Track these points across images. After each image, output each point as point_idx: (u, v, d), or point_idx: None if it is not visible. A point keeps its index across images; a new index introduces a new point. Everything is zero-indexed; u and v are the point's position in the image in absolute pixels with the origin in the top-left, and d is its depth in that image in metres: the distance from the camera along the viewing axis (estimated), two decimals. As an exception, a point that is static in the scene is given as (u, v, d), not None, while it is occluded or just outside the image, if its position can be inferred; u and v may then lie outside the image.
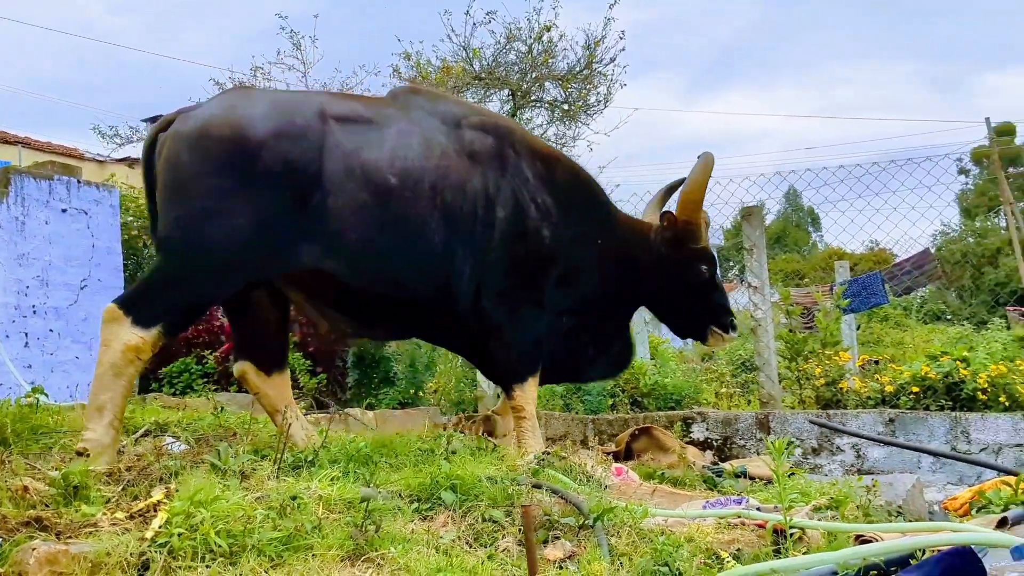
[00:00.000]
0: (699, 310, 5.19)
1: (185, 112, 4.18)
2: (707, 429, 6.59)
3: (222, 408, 5.31)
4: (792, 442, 6.14)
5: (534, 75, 12.95)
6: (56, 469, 3.25)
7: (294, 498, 2.77)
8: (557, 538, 3.09)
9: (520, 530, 3.20)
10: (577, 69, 13.00)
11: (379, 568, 2.52)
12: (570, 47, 13.03)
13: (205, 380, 7.98)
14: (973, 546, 2.22)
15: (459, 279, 4.52)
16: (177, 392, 7.95)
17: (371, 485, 3.13)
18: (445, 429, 5.48)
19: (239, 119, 4.05)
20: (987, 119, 8.45)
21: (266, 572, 2.41)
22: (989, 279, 26.78)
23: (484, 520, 3.14)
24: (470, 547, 2.96)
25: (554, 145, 13.70)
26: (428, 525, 3.03)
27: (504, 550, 2.88)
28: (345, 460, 3.57)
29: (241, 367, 4.39)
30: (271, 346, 4.48)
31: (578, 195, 5.02)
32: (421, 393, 8.26)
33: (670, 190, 5.51)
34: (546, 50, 12.73)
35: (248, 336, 4.47)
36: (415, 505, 3.18)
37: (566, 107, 13.26)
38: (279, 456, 3.36)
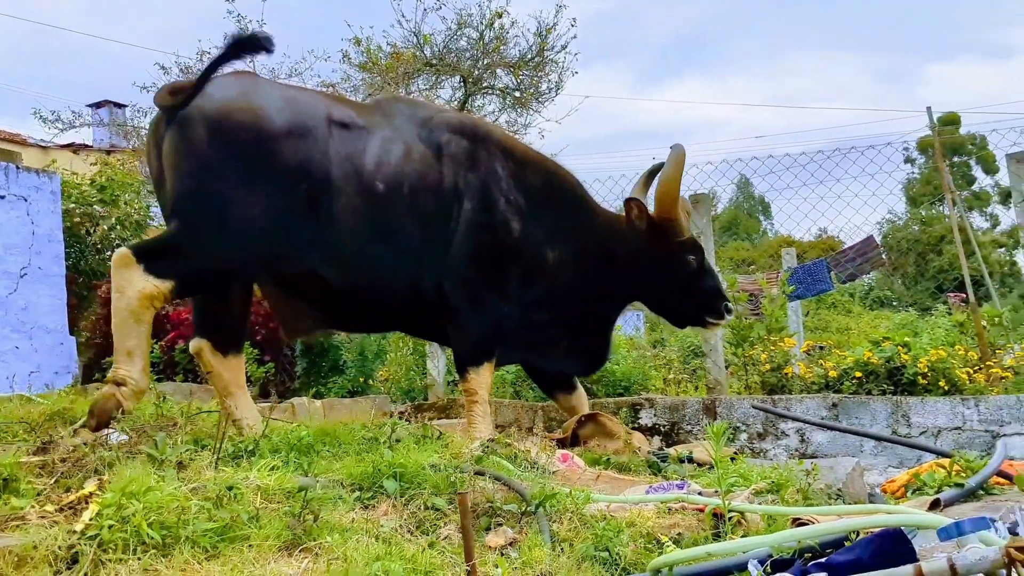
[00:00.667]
0: (692, 299, 5.28)
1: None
2: (655, 415, 6.64)
3: (164, 398, 5.22)
4: (737, 427, 6.22)
5: (485, 62, 12.92)
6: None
7: (231, 488, 2.73)
8: (500, 525, 3.09)
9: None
10: (528, 56, 12.99)
11: (316, 558, 2.50)
12: (521, 34, 13.03)
13: (151, 370, 7.84)
14: (904, 527, 2.26)
15: (430, 274, 4.71)
16: (121, 382, 7.80)
17: (311, 474, 3.10)
18: (399, 417, 5.47)
19: (258, 108, 4.22)
20: (928, 108, 8.59)
21: (200, 564, 2.37)
22: (933, 266, 27.39)
23: (426, 508, 3.13)
24: (412, 535, 2.94)
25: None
26: (369, 514, 3.01)
27: (446, 538, 2.87)
28: (287, 449, 3.53)
29: (198, 344, 4.42)
30: (231, 328, 4.50)
31: (553, 194, 5.13)
32: (371, 382, 8.21)
33: (651, 175, 5.58)
34: (497, 37, 12.70)
35: (211, 315, 4.48)
36: (357, 494, 3.16)
37: (518, 94, 13.25)
38: (218, 446, 3.31)
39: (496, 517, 3.14)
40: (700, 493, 3.46)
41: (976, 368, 6.59)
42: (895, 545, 2.15)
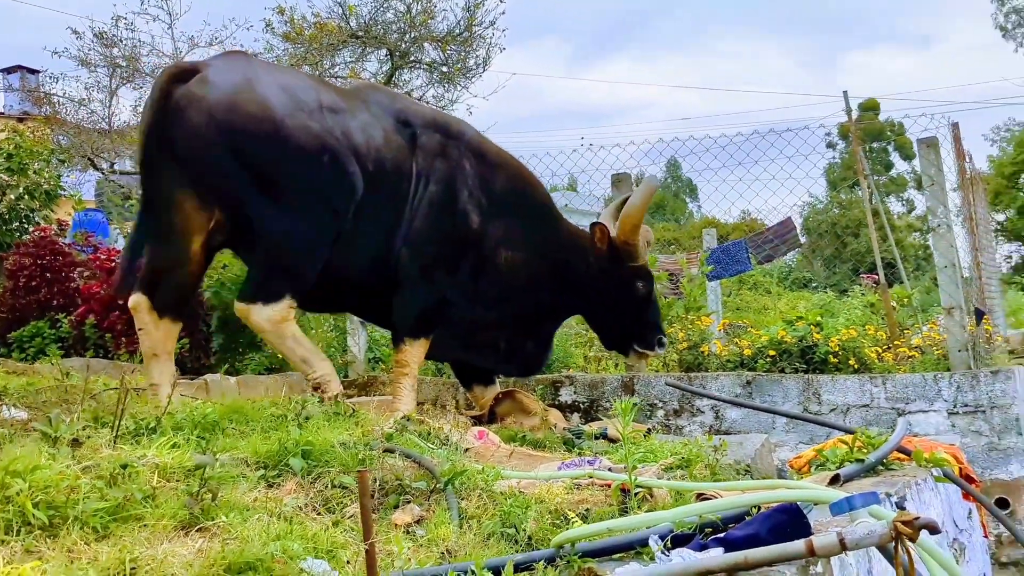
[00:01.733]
0: (630, 325, 5.42)
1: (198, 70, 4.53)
2: (575, 392, 6.68)
3: (68, 373, 5.05)
4: (654, 404, 6.30)
5: (412, 35, 12.74)
6: None
7: (125, 467, 2.63)
8: (408, 503, 3.06)
9: (370, 495, 3.16)
10: (456, 31, 12.85)
11: (213, 537, 2.43)
12: (450, 8, 12.89)
13: (60, 345, 7.57)
14: (801, 503, 2.29)
15: (394, 253, 4.88)
16: (28, 358, 7.51)
17: (212, 452, 3.02)
18: (314, 394, 5.38)
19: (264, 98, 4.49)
20: (844, 93, 8.75)
21: (89, 544, 2.28)
22: (851, 249, 28.14)
23: (334, 486, 3.08)
24: (317, 514, 2.89)
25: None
26: (273, 493, 2.94)
27: (351, 516, 2.82)
28: (190, 427, 3.43)
29: (137, 299, 4.45)
30: (177, 292, 4.54)
31: (518, 200, 5.30)
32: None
33: (623, 204, 5.72)
34: (425, 10, 12.53)
35: (161, 272, 4.49)
36: (261, 472, 3.09)
37: (445, 69, 13.11)
38: (117, 423, 3.20)
39: (405, 495, 3.10)
40: (611, 469, 3.48)
41: (885, 348, 6.78)
42: (792, 519, 2.19)
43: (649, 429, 4.84)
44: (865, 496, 1.99)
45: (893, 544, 1.82)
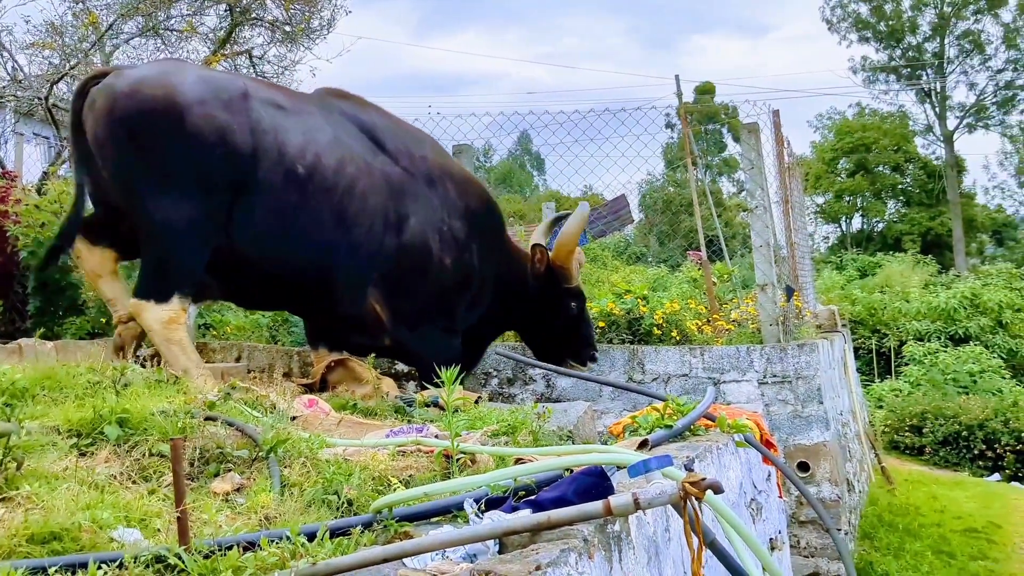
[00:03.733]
0: (565, 341, 5.65)
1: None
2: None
3: None
4: (489, 373, 6.43)
5: (254, -9, 12.29)
6: None
7: (-83, 437, 2.49)
8: (230, 471, 3.04)
9: (190, 464, 3.11)
10: (301, -10, 12.48)
11: (16, 507, 2.34)
12: (294, -35, 12.48)
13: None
14: (606, 466, 2.43)
15: (340, 272, 4.89)
16: None
17: (19, 420, 2.89)
18: (143, 362, 5.19)
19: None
20: (676, 76, 9.15)
21: None
22: (685, 226, 29.37)
23: (152, 455, 3.01)
24: (134, 483, 2.83)
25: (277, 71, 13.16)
26: (86, 462, 2.86)
27: (168, 485, 2.78)
28: (-5, 394, 3.25)
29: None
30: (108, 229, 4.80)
31: (476, 217, 5.39)
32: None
33: (555, 221, 6.01)
34: (267, -34, 12.10)
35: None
36: (74, 441, 2.99)
37: (288, 29, 12.72)
38: (-90, 391, 3.00)
39: (226, 463, 3.08)
40: (437, 436, 3.55)
41: (705, 321, 7.18)
42: (597, 482, 2.32)
43: (479, 397, 4.95)
44: (660, 459, 2.14)
45: (681, 503, 1.97)
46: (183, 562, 2.00)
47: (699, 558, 1.99)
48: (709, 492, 2.09)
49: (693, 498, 1.97)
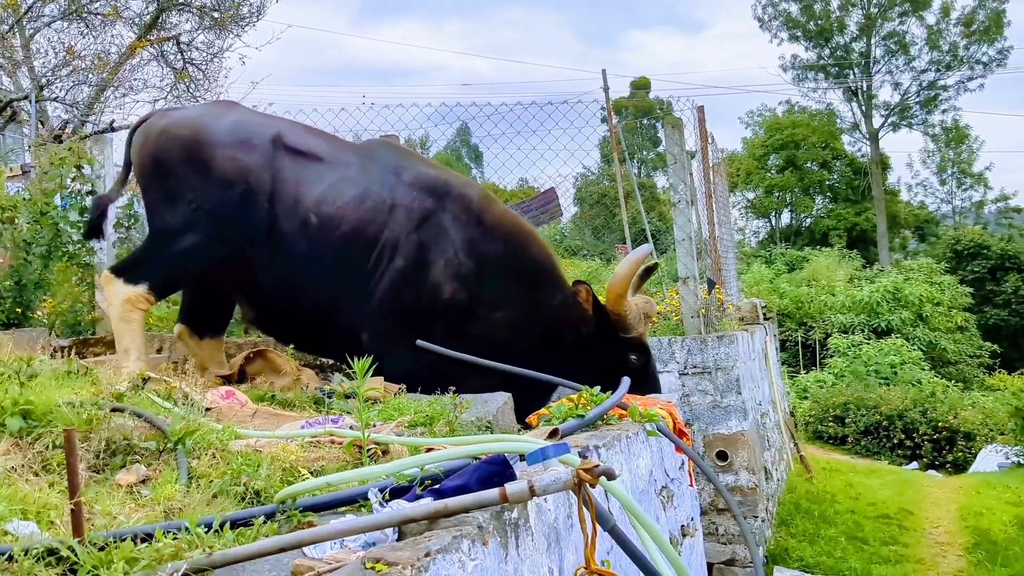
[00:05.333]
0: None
1: None
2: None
3: None
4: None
5: (180, -25, 12.06)
6: None
7: None
8: (136, 463, 3.00)
9: (96, 456, 3.07)
10: (229, -24, 12.29)
11: (-94, 502, 2.29)
12: (222, -50, 12.28)
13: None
14: (509, 454, 2.47)
15: (345, 323, 5.01)
16: None
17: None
18: (61, 353, 5.10)
19: None
20: (603, 71, 9.22)
21: None
22: (619, 219, 29.71)
23: (55, 447, 2.95)
24: (36, 475, 2.78)
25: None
26: (-15, 455, 2.79)
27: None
28: None
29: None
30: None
31: (510, 261, 5.18)
32: (29, 313, 7.51)
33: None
34: (195, -50, 11.89)
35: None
36: (-27, 433, 2.92)
37: (216, 15, 12.51)
38: None
39: (133, 455, 3.04)
40: (352, 427, 3.55)
41: (629, 313, 7.27)
42: (500, 470, 2.36)
43: (400, 389, 4.95)
44: (557, 447, 2.18)
45: (575, 490, 2.02)
46: (75, 555, 1.98)
47: (593, 543, 2.04)
48: (606, 479, 2.14)
49: (587, 484, 2.02)
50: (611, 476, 2.06)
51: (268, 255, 4.95)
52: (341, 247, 4.94)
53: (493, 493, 2.02)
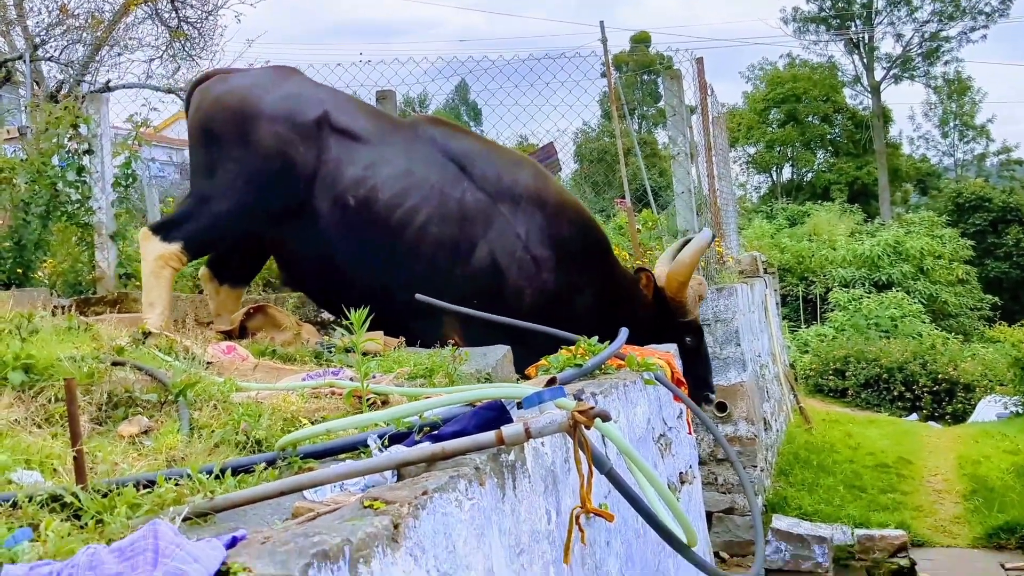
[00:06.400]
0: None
1: None
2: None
3: None
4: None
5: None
6: None
7: None
8: (138, 415, 3.03)
9: (98, 408, 3.10)
10: (222, -71, 12.12)
11: (-93, 454, 2.31)
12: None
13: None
14: (505, 400, 2.50)
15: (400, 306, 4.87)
16: None
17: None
18: (63, 311, 5.13)
19: None
20: (601, 23, 9.13)
21: None
22: (620, 176, 29.62)
23: (57, 400, 2.98)
24: (38, 427, 2.81)
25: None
26: (-12, 408, 2.82)
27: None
28: None
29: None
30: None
31: (572, 244, 5.15)
32: (30, 273, 7.54)
33: (685, 243, 5.54)
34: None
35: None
36: (-25, 388, 2.95)
37: (209, -29, 12.36)
38: None
39: (134, 407, 3.07)
40: (352, 379, 3.58)
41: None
42: (497, 415, 2.38)
43: (400, 342, 4.98)
44: (553, 391, 2.20)
45: (570, 432, 2.05)
46: (79, 500, 2.01)
47: (588, 483, 2.07)
48: (601, 421, 2.17)
49: (582, 426, 2.04)
50: (606, 418, 2.08)
51: (302, 233, 5.03)
52: (379, 232, 4.96)
53: (490, 435, 2.04)
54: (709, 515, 6.85)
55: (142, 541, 1.25)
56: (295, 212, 4.99)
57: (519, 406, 2.62)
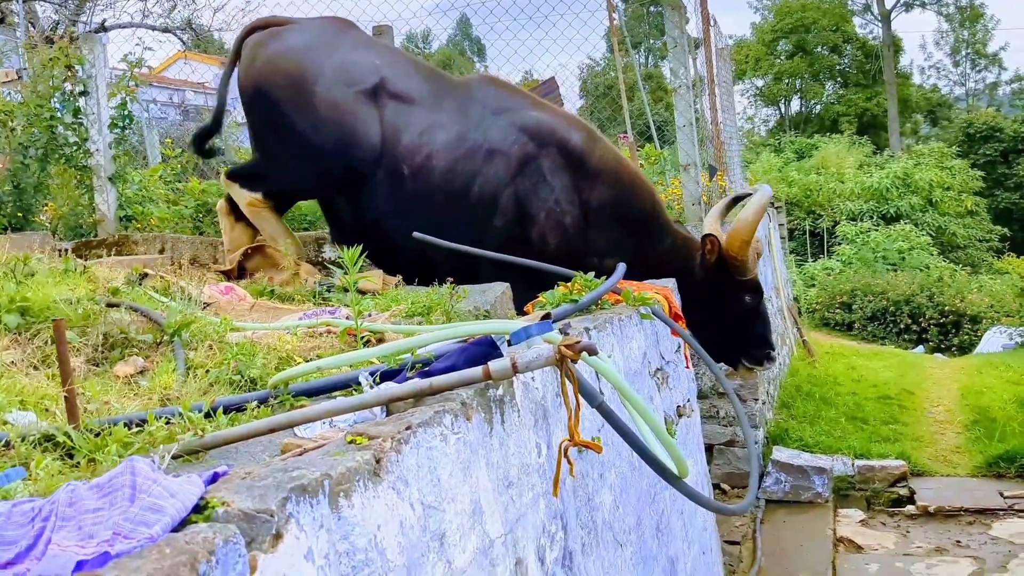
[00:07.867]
0: (739, 338, 5.26)
1: None
2: (335, 249, 6.71)
3: None
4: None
5: None
6: None
7: None
8: (134, 355, 3.05)
9: (94, 349, 3.12)
10: None
11: (-95, 394, 2.34)
12: None
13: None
14: (496, 335, 2.50)
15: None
16: None
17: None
18: (63, 254, 5.14)
19: None
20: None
21: None
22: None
23: (53, 342, 3.00)
24: (35, 369, 2.84)
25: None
26: (-15, 350, 2.84)
27: (71, 371, 2.78)
28: None
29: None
30: None
31: (615, 209, 5.10)
32: (31, 217, 7.54)
33: (733, 202, 5.53)
34: None
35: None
36: (-29, 330, 2.97)
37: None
38: None
39: (130, 348, 3.09)
40: (348, 318, 3.59)
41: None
42: (486, 351, 2.38)
43: (398, 280, 4.98)
44: (540, 326, 2.20)
45: (557, 366, 2.05)
46: (71, 440, 2.03)
47: (576, 416, 2.07)
48: (588, 355, 2.17)
49: (569, 360, 2.05)
50: (592, 351, 2.08)
51: (356, 199, 5.12)
52: (432, 196, 4.98)
53: (477, 371, 2.04)
54: (710, 447, 6.92)
55: (120, 477, 1.26)
56: (353, 181, 5.06)
57: (509, 343, 2.63)
